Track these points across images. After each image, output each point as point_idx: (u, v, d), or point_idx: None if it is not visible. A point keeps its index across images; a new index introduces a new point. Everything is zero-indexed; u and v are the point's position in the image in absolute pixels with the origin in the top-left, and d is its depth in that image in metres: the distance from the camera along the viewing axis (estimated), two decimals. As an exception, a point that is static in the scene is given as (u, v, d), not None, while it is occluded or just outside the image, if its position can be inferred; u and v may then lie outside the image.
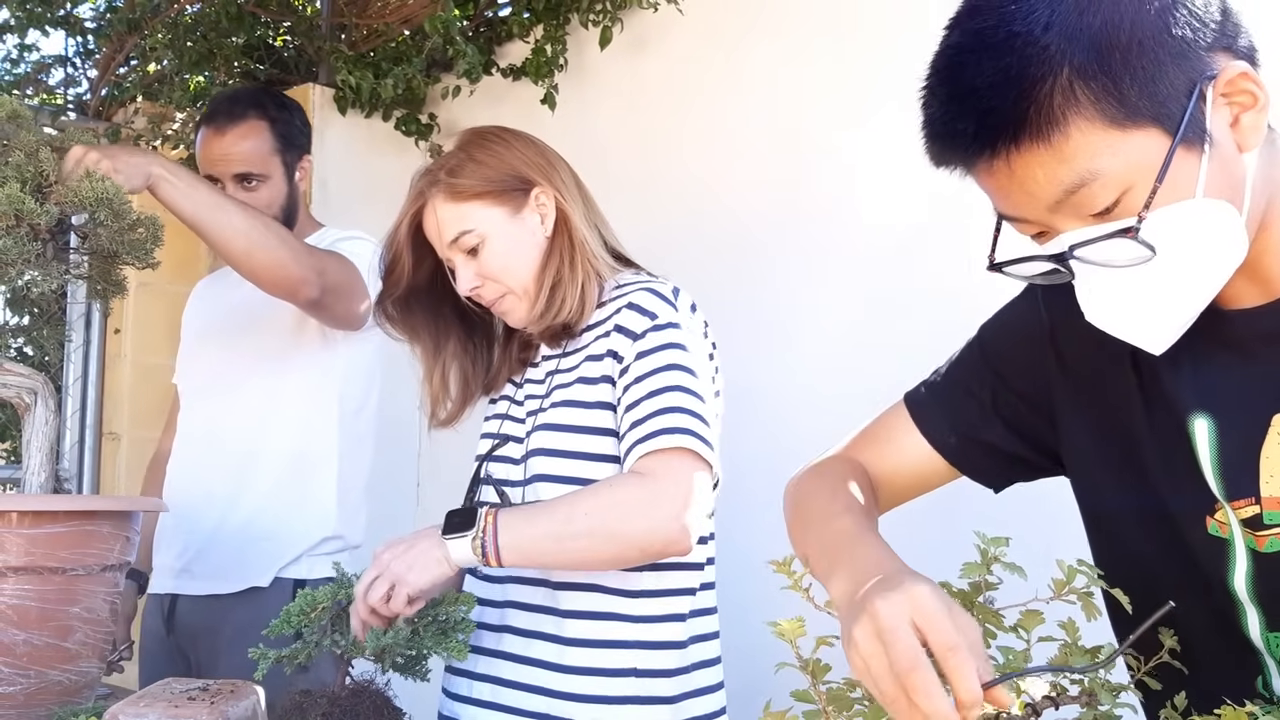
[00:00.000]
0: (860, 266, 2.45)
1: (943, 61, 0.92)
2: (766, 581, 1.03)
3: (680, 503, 1.38)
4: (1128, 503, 1.04)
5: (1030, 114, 0.85)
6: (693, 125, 2.79)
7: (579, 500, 1.40)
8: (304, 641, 1.37)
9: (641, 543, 1.38)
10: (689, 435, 1.41)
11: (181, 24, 3.44)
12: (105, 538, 1.48)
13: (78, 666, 1.48)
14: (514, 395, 1.64)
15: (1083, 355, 1.07)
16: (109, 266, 1.64)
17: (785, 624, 0.88)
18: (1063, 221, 0.91)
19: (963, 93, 0.89)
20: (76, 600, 1.46)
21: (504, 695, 1.53)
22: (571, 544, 1.38)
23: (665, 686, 1.49)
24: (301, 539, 2.12)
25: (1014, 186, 0.90)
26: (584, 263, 1.55)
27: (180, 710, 1.25)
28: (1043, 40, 0.85)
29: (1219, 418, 0.96)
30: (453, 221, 1.55)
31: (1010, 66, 0.86)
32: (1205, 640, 0.98)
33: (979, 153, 0.89)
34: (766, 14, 2.67)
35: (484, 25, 3.30)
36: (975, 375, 1.17)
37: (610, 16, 2.89)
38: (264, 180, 2.18)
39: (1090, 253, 0.90)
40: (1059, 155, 0.86)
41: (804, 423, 2.37)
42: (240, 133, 2.17)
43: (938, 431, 1.18)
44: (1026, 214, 0.92)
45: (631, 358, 1.47)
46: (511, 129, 1.64)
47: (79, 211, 1.56)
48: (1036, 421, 1.13)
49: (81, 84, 3.89)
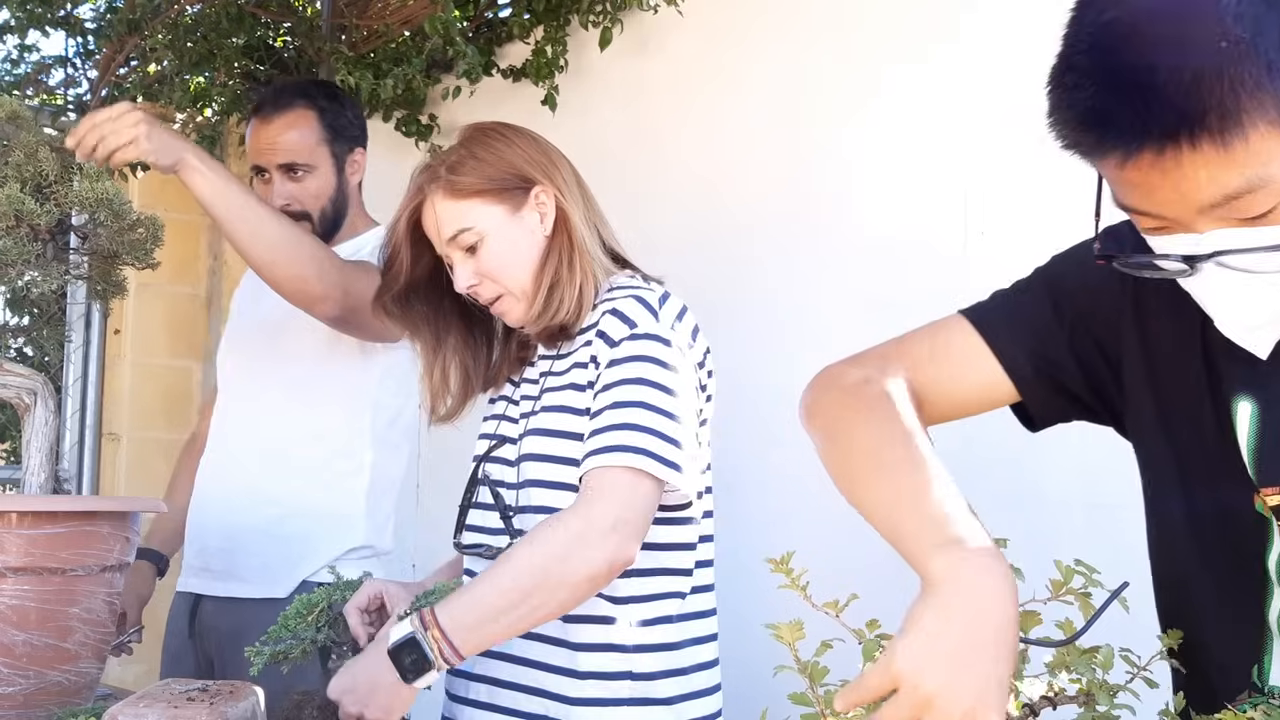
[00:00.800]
0: (860, 267, 2.44)
1: (1103, 39, 0.82)
2: (762, 581, 1.02)
3: (609, 521, 1.37)
4: (1177, 474, 1.02)
5: (1210, 113, 0.77)
6: (693, 126, 2.79)
7: (512, 563, 1.39)
8: (297, 639, 1.37)
9: (586, 575, 1.37)
10: (639, 454, 1.39)
11: (182, 25, 3.44)
12: (105, 538, 1.48)
13: (77, 667, 1.48)
14: (511, 395, 1.64)
15: (1160, 322, 1.03)
16: (109, 267, 1.64)
17: (783, 627, 0.87)
18: (1205, 223, 0.84)
19: (1130, 80, 0.79)
20: (76, 601, 1.46)
21: (501, 696, 1.53)
22: (522, 609, 1.37)
23: (663, 688, 1.49)
24: (330, 547, 2.09)
25: (1165, 184, 0.82)
26: (582, 263, 1.54)
27: (179, 711, 1.25)
28: (1233, 31, 0.76)
29: (1261, 404, 0.94)
30: (451, 219, 1.54)
31: (1192, 56, 0.77)
32: (1221, 616, 0.97)
33: (1138, 149, 0.80)
34: (766, 16, 2.67)
35: (484, 26, 3.30)
36: (1053, 310, 1.10)
37: (610, 18, 2.89)
38: (310, 171, 2.14)
39: (1236, 260, 0.84)
40: (1232, 159, 0.79)
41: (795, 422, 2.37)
42: (286, 121, 2.13)
43: (1013, 358, 1.11)
44: (1167, 212, 0.85)
45: (604, 365, 1.47)
46: (514, 125, 1.62)
47: (79, 212, 1.56)
48: (1104, 371, 1.08)
49: (82, 84, 3.89)
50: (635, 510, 1.39)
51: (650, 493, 1.41)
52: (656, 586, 1.51)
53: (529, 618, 1.38)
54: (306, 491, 2.10)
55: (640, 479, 1.40)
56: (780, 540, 1.13)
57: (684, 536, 1.53)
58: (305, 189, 2.13)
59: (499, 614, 1.36)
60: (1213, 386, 0.99)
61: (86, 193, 1.53)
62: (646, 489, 1.40)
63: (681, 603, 1.53)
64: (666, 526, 1.50)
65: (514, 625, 1.39)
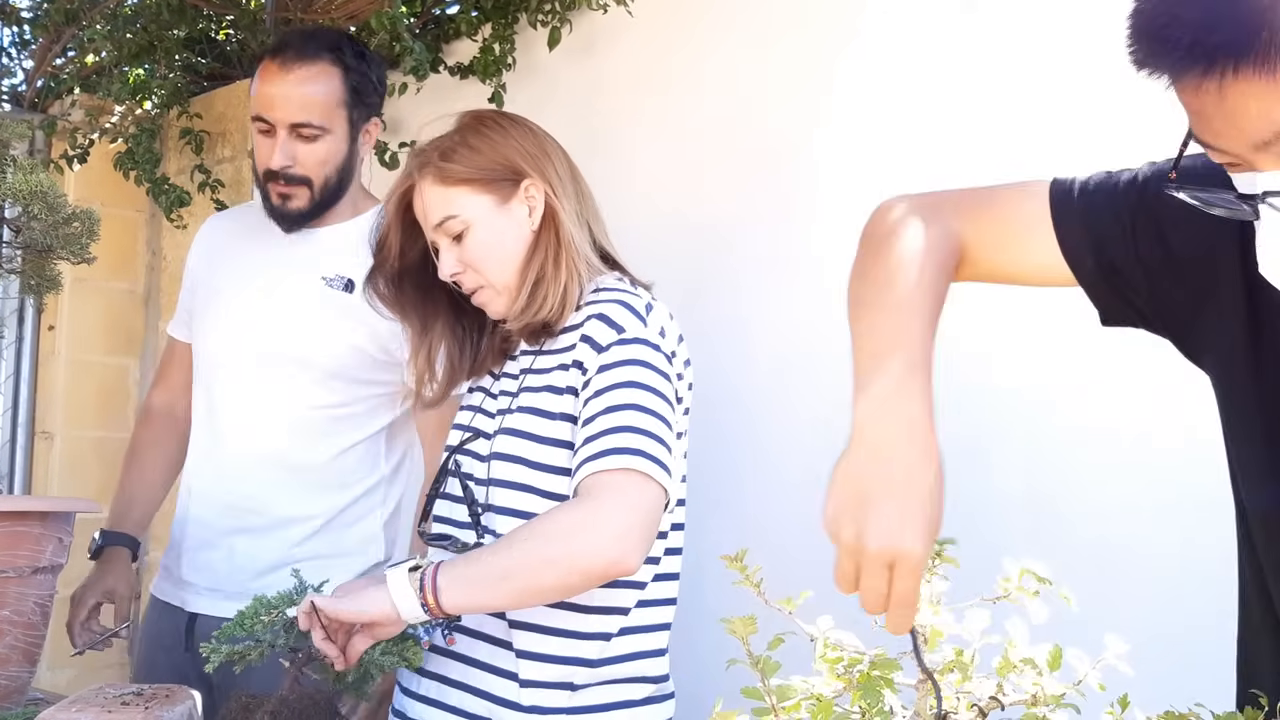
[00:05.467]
0: (820, 268, 2.45)
1: None
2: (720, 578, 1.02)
3: (621, 523, 1.35)
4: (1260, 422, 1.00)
5: (1261, 38, 0.77)
6: (644, 127, 2.78)
7: (517, 532, 1.39)
8: (255, 640, 1.35)
9: (582, 566, 1.35)
10: (639, 456, 1.38)
11: (121, 15, 3.37)
12: (36, 539, 1.45)
13: (7, 671, 1.44)
14: (489, 388, 1.62)
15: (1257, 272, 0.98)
16: (43, 261, 1.61)
17: (736, 621, 0.88)
18: (1265, 161, 0.83)
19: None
20: (6, 603, 1.43)
21: (449, 695, 1.53)
22: (513, 576, 1.35)
23: (596, 695, 1.48)
24: (351, 565, 1.99)
25: (1220, 113, 0.82)
26: (569, 262, 1.53)
27: (113, 715, 1.22)
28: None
29: None
30: (438, 205, 1.53)
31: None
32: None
33: (1189, 68, 0.81)
34: (716, 17, 2.67)
35: (431, 23, 3.27)
36: (1135, 210, 1.07)
37: (559, 17, 2.88)
38: (324, 134, 1.94)
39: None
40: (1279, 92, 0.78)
41: (760, 426, 2.37)
42: (308, 74, 1.93)
43: (1076, 247, 1.09)
44: (1226, 145, 0.84)
45: (594, 371, 1.45)
46: (512, 115, 1.63)
47: (12, 205, 1.52)
48: (1177, 292, 1.05)
49: (17, 75, 3.80)
50: (643, 515, 1.36)
51: (656, 500, 1.39)
52: (602, 599, 1.49)
53: (515, 587, 1.36)
54: (328, 508, 2.00)
55: (646, 483, 1.38)
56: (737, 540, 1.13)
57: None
58: (313, 152, 1.94)
59: (486, 574, 1.35)
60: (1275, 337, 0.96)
61: (20, 185, 1.49)
62: (653, 494, 1.38)
63: (624, 618, 1.51)
64: None
65: (497, 590, 1.36)
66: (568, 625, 1.48)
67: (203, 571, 2.03)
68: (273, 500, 1.99)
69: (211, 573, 2.02)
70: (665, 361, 1.47)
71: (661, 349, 1.48)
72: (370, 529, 2.05)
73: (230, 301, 2.07)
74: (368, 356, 1.98)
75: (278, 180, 1.97)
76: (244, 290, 2.06)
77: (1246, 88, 0.79)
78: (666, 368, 1.47)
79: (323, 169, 1.97)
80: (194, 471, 2.09)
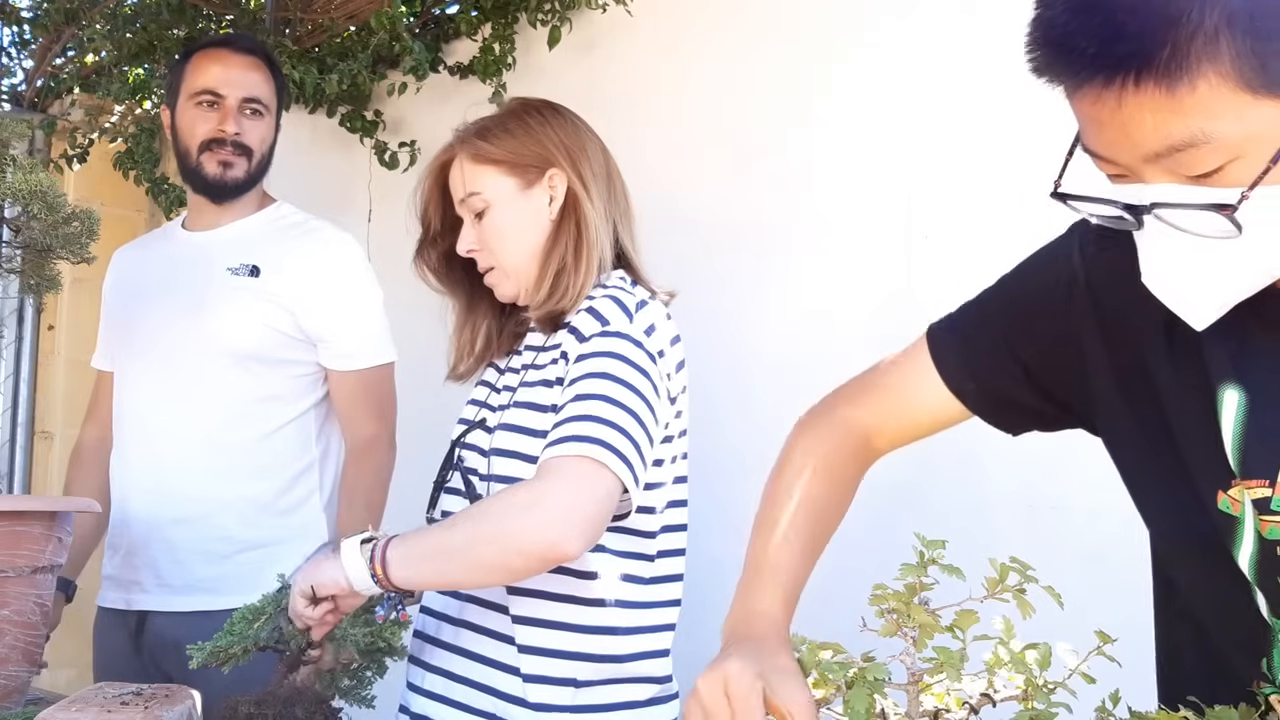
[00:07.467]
0: (809, 266, 2.46)
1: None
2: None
3: (563, 506, 1.33)
4: (1157, 465, 1.00)
5: (1162, 53, 0.77)
6: (642, 126, 2.79)
7: (468, 510, 1.41)
8: (239, 638, 1.35)
9: (519, 545, 1.33)
10: (597, 444, 1.36)
11: (121, 15, 3.37)
12: (36, 539, 1.45)
13: (7, 670, 1.44)
14: (494, 383, 1.63)
15: (1120, 304, 1.01)
16: (42, 261, 1.61)
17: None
18: (1153, 174, 0.83)
19: (1093, 5, 0.80)
20: (6, 603, 1.43)
21: (454, 690, 1.53)
22: (456, 552, 1.36)
23: (601, 695, 1.49)
24: (296, 548, 2.03)
25: (1115, 124, 0.82)
26: (589, 255, 1.54)
27: (113, 715, 1.23)
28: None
29: (1249, 394, 0.92)
30: (467, 180, 1.57)
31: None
32: (1221, 608, 0.96)
33: (1091, 77, 0.81)
34: (714, 17, 2.68)
35: (431, 22, 3.27)
36: (999, 321, 1.11)
37: (559, 17, 2.89)
38: (266, 115, 2.14)
39: (1173, 216, 0.83)
40: (1177, 107, 0.78)
41: (751, 425, 2.38)
42: (251, 63, 2.14)
43: (956, 376, 1.13)
44: (1117, 156, 0.84)
45: (573, 361, 1.46)
46: (558, 107, 1.64)
47: (12, 204, 1.52)
48: (1061, 373, 1.06)
49: (17, 75, 3.80)
50: (588, 502, 1.35)
51: (609, 489, 1.37)
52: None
53: (457, 564, 1.37)
54: (264, 492, 2.04)
55: (599, 471, 1.36)
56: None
57: (643, 525, 1.52)
58: (256, 128, 2.11)
59: (433, 550, 1.37)
60: (1178, 367, 0.97)
61: (19, 184, 1.50)
62: (606, 483, 1.36)
63: (641, 587, 1.51)
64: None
65: (441, 566, 1.38)
66: (569, 619, 1.48)
67: (146, 569, 2.06)
68: (206, 486, 2.03)
69: (154, 569, 2.05)
70: (647, 358, 1.46)
71: (644, 346, 1.46)
72: (310, 514, 2.10)
73: (144, 314, 2.15)
74: (282, 335, 2.06)
75: (223, 147, 2.09)
76: (159, 299, 2.14)
77: (1145, 100, 0.79)
78: (647, 364, 1.45)
79: (262, 145, 2.13)
80: (124, 472, 2.13)
